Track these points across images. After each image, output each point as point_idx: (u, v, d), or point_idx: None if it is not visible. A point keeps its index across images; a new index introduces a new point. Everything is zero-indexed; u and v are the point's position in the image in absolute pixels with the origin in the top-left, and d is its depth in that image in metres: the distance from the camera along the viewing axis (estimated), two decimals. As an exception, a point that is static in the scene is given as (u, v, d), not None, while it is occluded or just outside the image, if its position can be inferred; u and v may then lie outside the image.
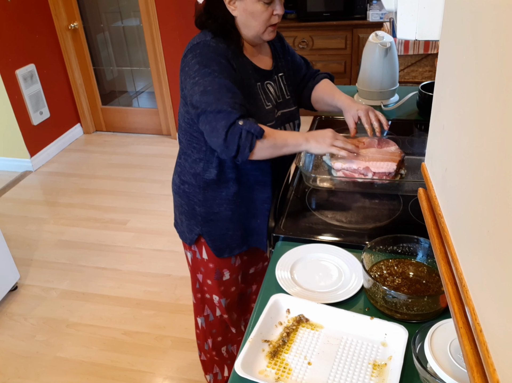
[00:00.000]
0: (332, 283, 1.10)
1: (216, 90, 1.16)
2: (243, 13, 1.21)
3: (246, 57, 1.28)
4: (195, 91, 1.18)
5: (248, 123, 1.15)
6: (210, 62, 1.18)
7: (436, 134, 0.70)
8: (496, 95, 0.44)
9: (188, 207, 1.40)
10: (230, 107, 1.15)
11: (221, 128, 1.15)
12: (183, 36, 3.56)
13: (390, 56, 1.89)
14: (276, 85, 1.36)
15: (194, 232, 1.41)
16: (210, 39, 1.21)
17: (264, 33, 1.25)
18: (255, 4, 1.19)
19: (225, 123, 1.14)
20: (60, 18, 3.69)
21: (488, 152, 0.46)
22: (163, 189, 3.26)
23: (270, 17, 1.22)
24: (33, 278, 2.53)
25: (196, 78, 1.18)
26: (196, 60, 1.19)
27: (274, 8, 1.21)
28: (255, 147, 1.17)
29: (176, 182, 1.43)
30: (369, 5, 3.69)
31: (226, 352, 1.69)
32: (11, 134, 3.50)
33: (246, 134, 1.15)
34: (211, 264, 1.45)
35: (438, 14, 0.87)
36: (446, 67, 0.65)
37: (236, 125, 1.15)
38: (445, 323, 0.87)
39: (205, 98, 1.16)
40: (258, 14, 1.20)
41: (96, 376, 1.96)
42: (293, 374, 0.90)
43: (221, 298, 1.51)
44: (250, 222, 1.41)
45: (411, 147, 1.47)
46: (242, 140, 1.15)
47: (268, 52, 1.37)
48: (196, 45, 1.22)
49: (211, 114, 1.16)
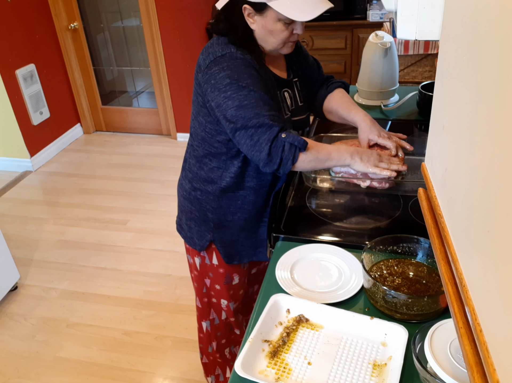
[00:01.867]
0: (332, 283, 1.10)
1: (253, 104, 1.14)
2: (262, 29, 1.18)
3: (267, 66, 1.26)
4: (228, 105, 1.15)
5: (291, 136, 1.14)
6: (242, 76, 1.15)
7: (436, 134, 0.70)
8: (496, 95, 0.44)
9: (200, 214, 1.38)
10: (271, 120, 1.13)
11: (264, 142, 1.13)
12: (183, 36, 3.56)
13: (390, 56, 1.89)
14: (292, 92, 1.34)
15: (206, 238, 1.39)
16: (235, 50, 1.18)
17: (283, 48, 1.23)
18: (276, 23, 1.16)
19: (268, 137, 1.13)
20: (60, 18, 3.69)
21: (488, 152, 0.46)
22: (163, 189, 3.26)
23: (289, 36, 1.19)
24: (33, 278, 2.53)
25: (229, 93, 1.15)
26: (226, 73, 1.15)
27: (294, 27, 1.19)
28: (298, 160, 1.16)
29: (186, 188, 1.39)
30: (369, 5, 3.69)
31: (229, 353, 1.69)
32: (11, 134, 3.50)
33: (289, 147, 1.13)
34: (221, 269, 1.43)
35: (438, 14, 0.87)
36: (446, 67, 0.65)
37: (279, 138, 1.13)
38: (445, 323, 0.87)
39: (242, 113, 1.14)
40: (277, 33, 1.18)
41: (96, 376, 1.96)
42: (293, 374, 0.90)
43: (229, 302, 1.51)
44: (262, 232, 1.39)
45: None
46: (285, 153, 1.14)
47: (281, 57, 1.34)
48: (221, 57, 1.17)
49: (251, 129, 1.14)
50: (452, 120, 0.61)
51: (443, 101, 0.67)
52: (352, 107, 1.38)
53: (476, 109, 0.50)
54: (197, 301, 1.59)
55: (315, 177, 1.40)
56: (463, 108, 0.55)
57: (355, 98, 2.06)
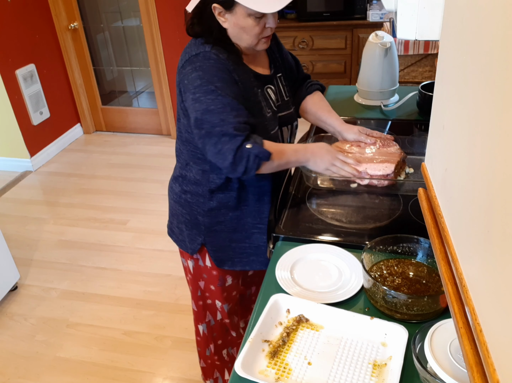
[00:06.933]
0: (332, 283, 1.10)
1: (220, 110, 1.13)
2: (234, 26, 1.16)
3: (246, 65, 1.25)
4: (196, 108, 1.15)
5: (256, 147, 1.15)
6: (212, 78, 1.14)
7: (436, 134, 0.70)
8: (496, 95, 0.44)
9: (190, 217, 1.37)
10: (235, 129, 1.13)
11: (227, 152, 1.14)
12: (183, 36, 3.56)
13: (390, 56, 1.89)
14: (275, 88, 1.33)
15: (197, 241, 1.38)
16: (210, 50, 1.17)
17: (257, 44, 1.21)
18: (246, 19, 1.14)
19: (231, 146, 1.13)
20: (60, 18, 3.69)
21: (488, 152, 0.46)
22: (163, 189, 3.26)
23: (262, 30, 1.17)
24: (33, 278, 2.53)
25: (197, 95, 1.14)
26: (197, 74, 1.14)
27: (266, 21, 1.16)
28: (261, 168, 1.19)
29: (176, 191, 1.39)
30: (369, 5, 3.69)
31: (227, 355, 1.68)
32: (11, 134, 3.50)
33: (253, 158, 1.15)
34: (215, 271, 1.43)
35: (438, 14, 0.87)
36: (446, 67, 0.65)
37: (243, 149, 1.14)
38: (445, 323, 0.87)
39: (208, 117, 1.13)
40: (249, 29, 1.15)
41: (96, 376, 1.96)
42: (293, 374, 0.90)
43: (223, 304, 1.50)
44: (256, 239, 1.38)
45: (411, 147, 1.47)
46: (250, 163, 1.15)
47: (264, 54, 1.34)
48: (195, 56, 1.16)
49: (215, 137, 1.14)
50: (452, 120, 0.61)
51: (443, 101, 0.67)
52: (331, 113, 1.46)
53: (476, 109, 0.50)
54: (193, 304, 1.59)
55: (315, 177, 1.40)
56: (463, 108, 0.55)
57: (355, 98, 2.06)
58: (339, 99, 2.10)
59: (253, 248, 1.39)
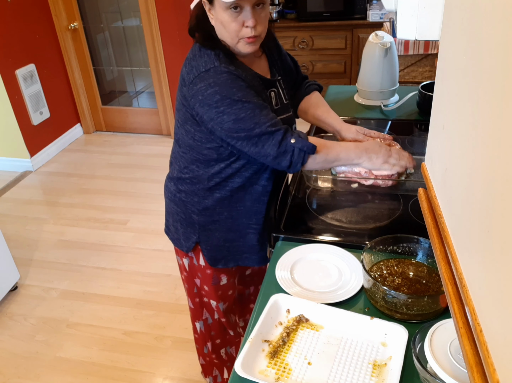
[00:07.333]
0: (332, 283, 1.10)
1: (250, 115, 1.14)
2: (216, 22, 1.14)
3: (251, 69, 1.24)
4: (224, 119, 1.14)
5: (300, 141, 1.16)
6: (231, 90, 1.13)
7: (436, 134, 0.70)
8: (496, 95, 0.44)
9: (185, 215, 1.37)
10: (271, 126, 1.15)
11: (269, 148, 1.16)
12: (183, 36, 3.56)
13: (390, 56, 1.89)
14: (276, 91, 1.33)
15: (191, 240, 1.38)
16: (219, 64, 1.14)
17: (238, 44, 1.15)
18: (224, 12, 1.10)
19: (273, 142, 1.15)
20: (60, 18, 3.69)
21: (488, 152, 0.46)
22: (163, 189, 3.25)
23: (240, 27, 1.12)
24: (33, 278, 2.53)
25: (222, 108, 1.14)
26: (214, 90, 1.13)
27: (244, 19, 1.11)
28: (307, 162, 1.20)
29: (171, 189, 1.39)
30: (369, 5, 3.69)
31: (225, 354, 1.69)
32: (11, 134, 3.50)
33: (298, 152, 1.16)
34: (209, 270, 1.43)
35: (438, 14, 0.87)
36: (446, 67, 0.65)
37: (287, 144, 1.16)
38: (445, 323, 0.87)
39: (242, 125, 1.14)
40: (226, 24, 1.12)
41: (96, 376, 1.96)
42: (293, 374, 0.90)
43: (218, 303, 1.50)
44: (250, 239, 1.38)
45: (411, 147, 1.47)
46: (295, 158, 1.17)
47: (263, 58, 1.32)
48: (205, 73, 1.14)
49: (254, 138, 1.15)
50: (452, 120, 0.61)
51: (443, 101, 0.67)
52: (330, 112, 1.47)
53: (476, 109, 0.50)
54: (189, 301, 1.59)
55: (316, 177, 1.40)
56: (463, 108, 0.55)
57: (355, 98, 2.07)
58: (339, 99, 2.10)
59: (246, 247, 1.40)
